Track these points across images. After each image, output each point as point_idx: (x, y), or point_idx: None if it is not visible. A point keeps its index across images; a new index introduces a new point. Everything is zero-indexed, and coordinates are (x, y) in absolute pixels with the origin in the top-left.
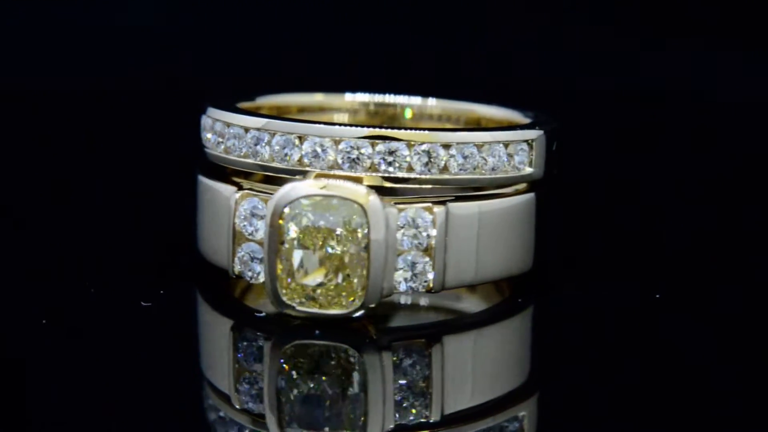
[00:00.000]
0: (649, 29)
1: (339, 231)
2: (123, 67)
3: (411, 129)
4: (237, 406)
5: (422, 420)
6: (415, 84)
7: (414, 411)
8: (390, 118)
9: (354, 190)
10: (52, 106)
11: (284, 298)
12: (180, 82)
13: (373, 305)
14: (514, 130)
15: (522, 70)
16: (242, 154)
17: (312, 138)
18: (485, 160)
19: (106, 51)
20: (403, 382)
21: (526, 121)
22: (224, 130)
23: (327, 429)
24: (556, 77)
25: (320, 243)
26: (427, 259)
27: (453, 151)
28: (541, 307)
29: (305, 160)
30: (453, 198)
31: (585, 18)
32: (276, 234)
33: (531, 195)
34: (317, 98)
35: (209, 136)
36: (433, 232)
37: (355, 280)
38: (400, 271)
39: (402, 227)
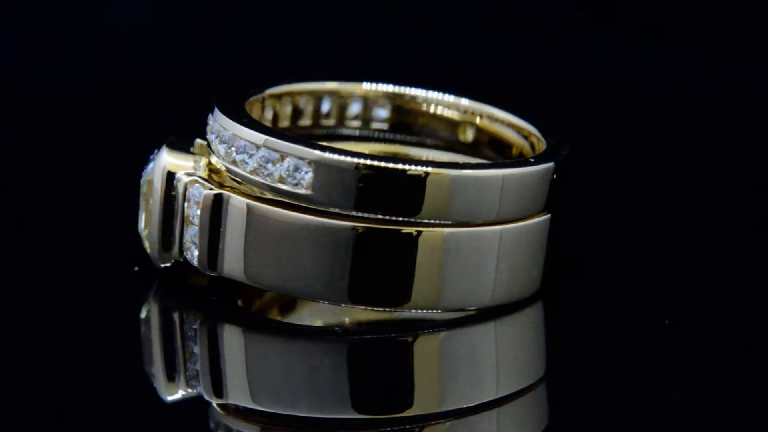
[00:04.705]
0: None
1: (145, 184)
2: (123, 67)
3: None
4: None
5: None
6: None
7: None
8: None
9: (164, 149)
10: (51, 106)
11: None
12: (180, 82)
13: (161, 262)
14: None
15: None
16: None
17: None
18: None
19: (107, 51)
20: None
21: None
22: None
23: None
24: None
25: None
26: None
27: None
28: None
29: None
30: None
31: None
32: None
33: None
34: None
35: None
36: (195, 212)
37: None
38: (188, 242)
39: (188, 199)
